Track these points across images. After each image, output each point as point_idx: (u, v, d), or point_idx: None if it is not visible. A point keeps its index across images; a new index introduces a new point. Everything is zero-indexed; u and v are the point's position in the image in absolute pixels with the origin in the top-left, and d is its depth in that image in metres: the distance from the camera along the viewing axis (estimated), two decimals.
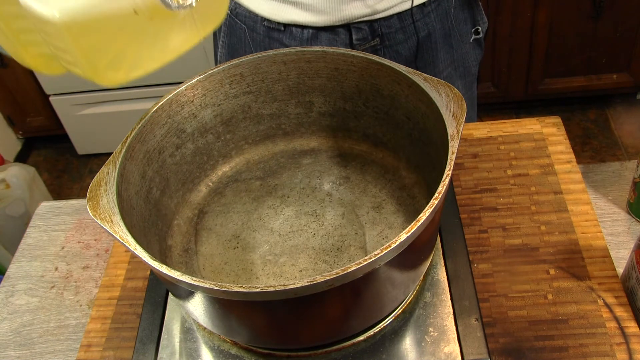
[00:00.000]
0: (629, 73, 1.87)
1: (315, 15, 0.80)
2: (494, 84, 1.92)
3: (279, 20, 0.82)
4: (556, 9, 1.71)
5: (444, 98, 0.56)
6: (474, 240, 0.70)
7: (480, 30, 0.91)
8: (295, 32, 0.83)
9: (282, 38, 0.84)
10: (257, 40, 0.86)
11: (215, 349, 0.61)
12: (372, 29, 0.83)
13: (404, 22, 0.83)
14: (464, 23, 0.89)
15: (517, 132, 0.81)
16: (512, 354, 0.60)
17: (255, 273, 0.62)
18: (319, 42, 0.84)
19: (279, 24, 0.83)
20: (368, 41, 0.83)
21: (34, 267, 0.79)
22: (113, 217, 0.51)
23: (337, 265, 0.62)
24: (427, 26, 0.84)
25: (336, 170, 0.72)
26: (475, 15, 0.90)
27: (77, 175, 2.17)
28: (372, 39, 0.83)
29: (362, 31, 0.82)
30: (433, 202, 0.48)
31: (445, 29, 0.87)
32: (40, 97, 2.02)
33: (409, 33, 0.84)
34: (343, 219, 0.66)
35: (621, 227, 0.72)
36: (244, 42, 0.87)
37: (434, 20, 0.85)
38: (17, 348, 0.70)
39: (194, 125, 0.67)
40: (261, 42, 0.86)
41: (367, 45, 0.84)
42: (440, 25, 0.86)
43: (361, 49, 0.84)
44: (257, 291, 0.44)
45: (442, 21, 0.86)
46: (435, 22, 0.85)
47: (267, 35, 0.85)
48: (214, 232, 0.67)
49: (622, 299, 0.63)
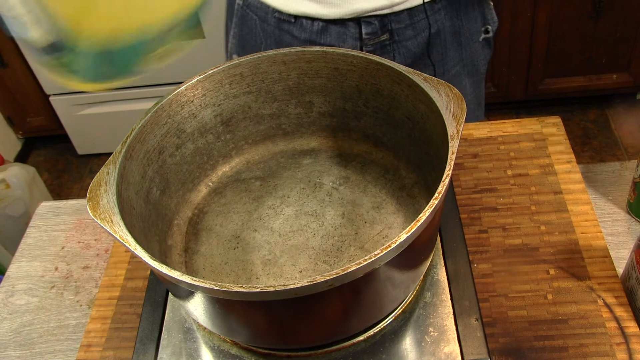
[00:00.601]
0: (629, 73, 1.87)
1: (326, 7, 0.81)
2: (494, 84, 1.92)
3: (289, 12, 0.83)
4: (556, 9, 1.71)
5: (444, 98, 0.56)
6: (474, 240, 0.70)
7: (490, 29, 0.91)
8: (306, 24, 0.84)
9: (292, 30, 0.85)
10: (267, 31, 0.86)
11: (215, 349, 0.61)
12: (382, 24, 0.83)
13: (414, 18, 0.83)
14: (474, 21, 0.89)
15: (517, 132, 0.81)
16: (512, 354, 0.60)
17: (255, 273, 0.62)
18: (329, 34, 0.84)
19: (290, 15, 0.83)
20: (378, 36, 0.84)
21: (34, 267, 0.79)
22: (113, 217, 0.51)
23: (337, 265, 0.62)
24: (436, 23, 0.85)
25: (336, 170, 0.72)
26: (486, 14, 0.90)
27: (77, 175, 2.17)
28: (381, 34, 0.84)
29: (371, 25, 0.83)
30: (433, 202, 0.48)
31: (455, 26, 0.87)
32: (40, 97, 2.02)
33: (419, 29, 0.84)
34: (343, 219, 0.66)
35: (621, 227, 0.72)
36: (254, 33, 0.88)
37: (443, 18, 0.85)
38: (17, 348, 0.70)
39: (194, 125, 0.67)
40: (272, 33, 0.86)
41: (376, 40, 0.84)
42: (450, 23, 0.86)
43: (370, 44, 0.84)
44: (257, 291, 0.44)
45: (451, 18, 0.86)
46: (445, 19, 0.85)
47: (277, 27, 0.85)
48: (214, 232, 0.67)
49: (622, 299, 0.63)
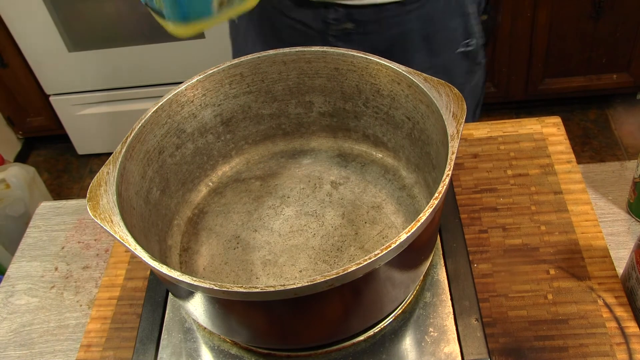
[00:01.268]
0: (629, 73, 1.87)
1: None
2: (494, 84, 1.92)
3: None
4: (556, 9, 1.71)
5: (444, 98, 0.56)
6: (474, 240, 0.70)
7: (474, 43, 0.89)
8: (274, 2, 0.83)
9: None
10: None
11: (215, 349, 0.61)
12: (348, 13, 0.82)
13: (380, 15, 0.82)
14: (453, 31, 0.87)
15: (517, 132, 0.81)
16: (512, 354, 0.60)
17: (255, 273, 0.62)
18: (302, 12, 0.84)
19: None
20: (343, 22, 0.83)
21: (34, 267, 0.79)
22: (113, 217, 0.51)
23: (337, 266, 0.62)
24: (404, 24, 0.84)
25: (336, 170, 0.72)
26: (470, 27, 0.88)
27: (77, 175, 2.17)
28: (346, 21, 0.83)
29: (338, 12, 0.82)
30: (433, 202, 0.48)
31: (427, 31, 0.85)
32: (40, 97, 2.02)
33: (385, 27, 0.84)
34: (343, 219, 0.66)
35: (621, 227, 0.72)
36: None
37: (413, 20, 0.84)
38: (17, 348, 0.70)
39: (194, 125, 0.67)
40: None
41: (341, 27, 0.84)
42: (421, 27, 0.85)
43: (336, 29, 0.84)
44: (257, 291, 0.44)
45: (423, 23, 0.84)
46: (415, 22, 0.84)
47: None
48: (214, 232, 0.67)
49: (622, 299, 0.63)
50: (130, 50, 1.83)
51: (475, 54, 0.91)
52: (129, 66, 1.88)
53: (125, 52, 1.83)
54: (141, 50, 1.82)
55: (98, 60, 1.86)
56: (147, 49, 1.81)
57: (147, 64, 1.86)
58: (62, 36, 1.80)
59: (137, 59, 1.85)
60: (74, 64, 1.87)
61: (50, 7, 1.74)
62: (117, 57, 1.85)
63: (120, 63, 1.87)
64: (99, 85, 1.94)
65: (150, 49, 1.81)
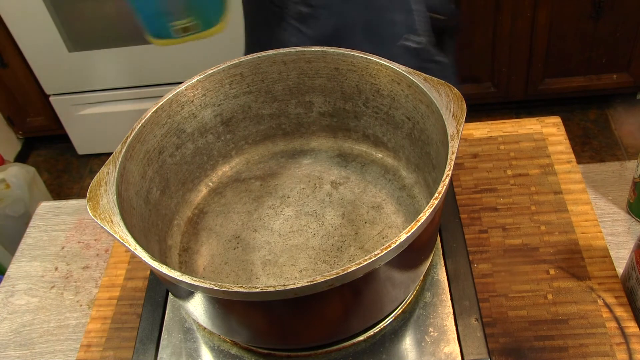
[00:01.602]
0: (629, 73, 1.87)
1: None
2: (494, 84, 1.92)
3: None
4: (556, 9, 1.71)
5: (444, 98, 0.56)
6: (474, 240, 0.70)
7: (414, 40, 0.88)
8: None
9: None
10: None
11: (215, 349, 0.61)
12: None
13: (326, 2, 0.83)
14: (393, 25, 0.87)
15: (517, 132, 0.81)
16: (512, 354, 0.60)
17: (255, 273, 0.62)
18: None
19: None
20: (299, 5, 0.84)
21: (34, 267, 0.79)
22: (113, 217, 0.51)
23: (337, 266, 0.62)
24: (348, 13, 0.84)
25: (336, 170, 0.72)
26: (412, 23, 0.87)
27: (77, 175, 2.17)
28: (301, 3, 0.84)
29: None
30: (433, 202, 0.48)
31: (369, 23, 0.85)
32: (40, 97, 2.02)
33: (332, 14, 0.84)
34: (343, 219, 0.66)
35: (621, 227, 0.72)
36: None
37: (351, 9, 0.84)
38: (17, 348, 0.70)
39: (194, 125, 0.67)
40: None
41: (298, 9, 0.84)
42: (361, 18, 0.85)
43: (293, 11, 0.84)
44: (257, 291, 0.44)
45: (363, 13, 0.85)
46: (355, 12, 0.84)
47: None
48: (214, 232, 0.67)
49: (622, 299, 0.63)
50: (130, 50, 1.83)
51: (425, 52, 0.90)
52: (129, 66, 1.88)
53: (125, 52, 1.83)
54: (141, 50, 1.82)
55: (98, 60, 1.86)
56: (147, 49, 1.81)
57: (147, 64, 1.86)
58: (62, 36, 1.80)
59: (137, 59, 1.85)
60: (74, 64, 1.87)
61: (50, 7, 1.74)
62: (117, 57, 1.85)
63: (120, 63, 1.87)
64: (99, 85, 1.94)
65: (150, 49, 1.81)
